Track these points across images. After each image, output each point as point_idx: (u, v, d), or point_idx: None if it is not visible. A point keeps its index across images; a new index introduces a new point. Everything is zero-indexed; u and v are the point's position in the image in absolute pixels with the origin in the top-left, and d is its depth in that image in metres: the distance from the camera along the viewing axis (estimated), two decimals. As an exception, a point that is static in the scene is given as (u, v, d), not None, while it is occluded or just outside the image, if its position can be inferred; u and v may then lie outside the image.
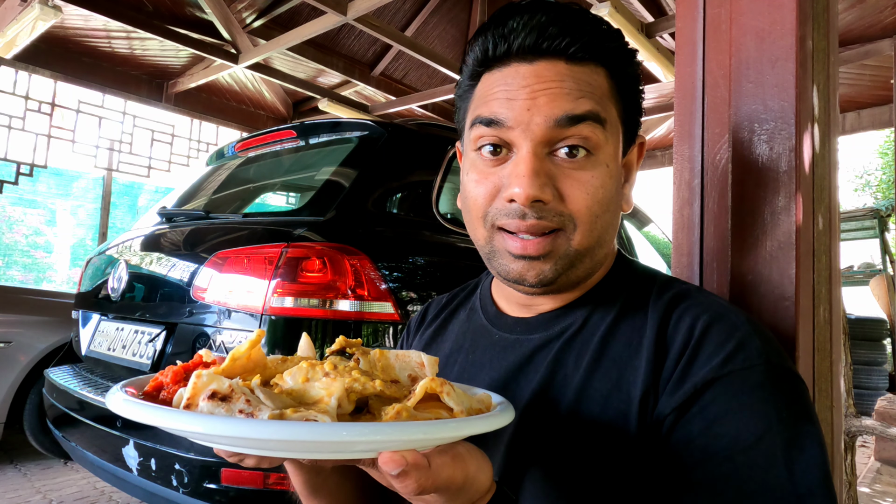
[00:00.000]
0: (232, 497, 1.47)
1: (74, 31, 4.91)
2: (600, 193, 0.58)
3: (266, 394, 0.40)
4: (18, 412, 3.05)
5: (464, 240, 2.00)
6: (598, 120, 0.57)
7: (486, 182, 0.60)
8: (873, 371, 5.43)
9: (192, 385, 0.40)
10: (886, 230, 6.56)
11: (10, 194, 6.51)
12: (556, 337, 0.64)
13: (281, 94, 6.69)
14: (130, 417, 0.39)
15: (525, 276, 0.60)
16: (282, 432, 0.35)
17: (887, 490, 3.18)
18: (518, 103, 0.57)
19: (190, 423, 0.36)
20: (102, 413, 1.76)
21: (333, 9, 4.01)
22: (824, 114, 0.87)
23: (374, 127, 2.02)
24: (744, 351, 0.53)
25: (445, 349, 0.76)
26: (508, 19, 0.59)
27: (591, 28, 0.59)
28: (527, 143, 0.57)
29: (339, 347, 0.54)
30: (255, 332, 0.48)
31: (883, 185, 16.69)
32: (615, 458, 0.55)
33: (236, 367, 0.45)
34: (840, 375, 0.92)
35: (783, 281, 0.76)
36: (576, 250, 0.59)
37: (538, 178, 0.56)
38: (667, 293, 0.62)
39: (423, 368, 0.51)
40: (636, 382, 0.56)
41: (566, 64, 0.58)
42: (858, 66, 5.01)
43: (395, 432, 0.37)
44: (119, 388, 0.45)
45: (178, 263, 1.84)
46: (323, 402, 0.40)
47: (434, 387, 0.43)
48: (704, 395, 0.52)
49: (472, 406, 0.46)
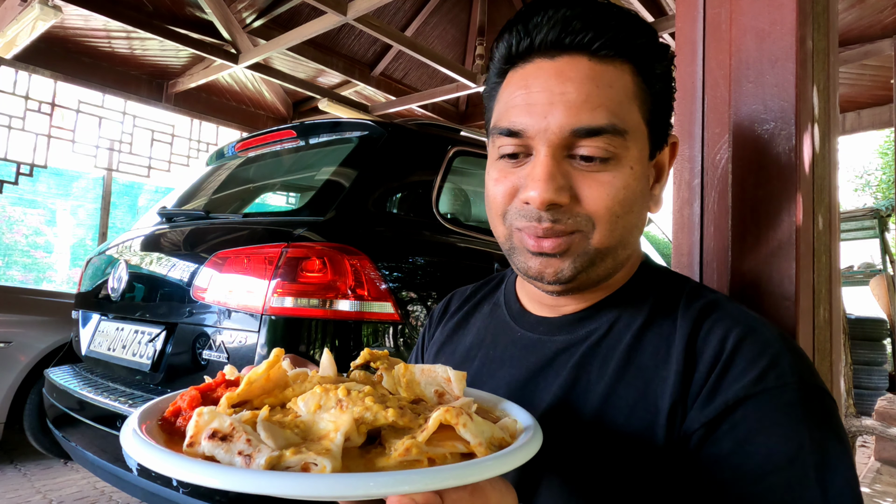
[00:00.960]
0: (232, 497, 1.47)
1: (74, 31, 4.90)
2: (622, 194, 0.57)
3: (269, 431, 0.39)
4: (18, 412, 3.05)
5: (464, 240, 2.00)
6: (616, 132, 0.56)
7: (504, 182, 0.60)
8: (873, 371, 5.43)
9: (195, 423, 0.39)
10: (886, 230, 6.56)
11: (10, 194, 6.51)
12: (580, 341, 0.63)
13: (281, 94, 6.69)
14: (133, 456, 0.39)
15: (543, 272, 0.59)
16: (270, 486, 0.34)
17: (887, 490, 3.18)
18: (537, 109, 0.56)
19: (181, 472, 0.36)
20: (102, 413, 1.76)
21: (333, 9, 4.01)
22: (824, 114, 0.87)
23: (374, 127, 2.02)
24: (776, 368, 0.52)
25: (466, 342, 0.75)
26: (533, 15, 0.58)
27: (618, 23, 0.57)
28: (544, 148, 0.56)
29: (364, 361, 0.53)
30: (274, 352, 0.47)
31: (883, 185, 16.69)
32: (639, 469, 0.54)
33: (254, 388, 0.44)
34: (840, 375, 0.92)
35: (783, 281, 0.76)
36: (595, 249, 0.58)
37: (554, 181, 0.56)
38: (696, 302, 0.60)
39: (449, 384, 0.49)
40: (664, 394, 0.55)
41: (589, 61, 0.57)
42: (858, 66, 5.01)
43: (391, 483, 0.35)
44: (135, 420, 0.43)
45: (178, 263, 1.84)
46: (328, 439, 0.39)
47: (449, 419, 0.41)
48: (736, 413, 0.51)
49: (494, 435, 0.43)
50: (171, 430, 0.44)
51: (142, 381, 1.83)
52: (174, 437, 0.43)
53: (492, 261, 2.01)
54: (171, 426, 0.44)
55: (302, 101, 6.86)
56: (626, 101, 0.57)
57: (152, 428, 0.43)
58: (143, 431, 0.41)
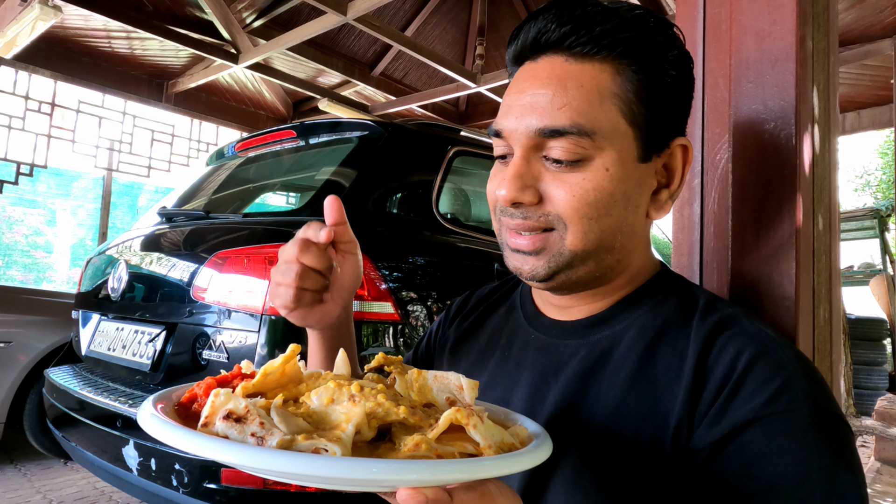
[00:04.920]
0: (232, 497, 1.47)
1: (74, 31, 4.91)
2: (591, 196, 0.56)
3: (282, 417, 0.40)
4: (18, 412, 3.05)
5: (464, 240, 2.00)
6: (582, 133, 0.55)
7: (494, 180, 0.63)
8: (873, 371, 5.43)
9: (211, 404, 0.40)
10: (886, 230, 6.57)
11: (10, 194, 6.51)
12: (591, 347, 0.63)
13: (281, 94, 6.69)
14: (149, 432, 0.40)
15: (520, 269, 0.61)
16: (280, 464, 0.35)
17: (887, 490, 3.18)
18: (514, 111, 0.58)
19: (195, 446, 0.37)
20: (102, 413, 1.76)
21: (333, 9, 4.01)
22: (824, 114, 0.87)
23: (374, 127, 2.02)
24: (788, 391, 0.50)
25: (482, 342, 0.76)
26: (529, 18, 0.60)
27: (603, 18, 0.55)
28: (518, 148, 0.59)
29: (378, 365, 0.53)
30: (290, 347, 0.47)
31: (883, 185, 16.69)
32: (646, 482, 0.54)
33: (268, 381, 0.45)
34: (840, 375, 0.92)
35: (783, 281, 0.76)
36: (570, 251, 0.58)
37: (518, 180, 0.57)
38: (711, 316, 0.59)
39: (461, 392, 0.49)
40: (673, 410, 0.54)
41: (565, 61, 0.57)
42: (858, 66, 5.01)
43: (398, 471, 0.35)
44: (150, 401, 0.45)
45: (178, 263, 1.84)
46: (339, 429, 0.40)
47: (459, 418, 0.41)
48: (743, 434, 0.50)
49: (504, 440, 0.43)
50: (186, 414, 0.45)
51: (142, 381, 1.83)
52: (189, 421, 0.43)
53: (492, 261, 2.01)
54: (186, 410, 0.45)
55: (302, 101, 6.86)
56: (597, 100, 0.55)
57: (168, 410, 0.44)
58: (158, 411, 0.42)
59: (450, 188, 2.18)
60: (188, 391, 0.47)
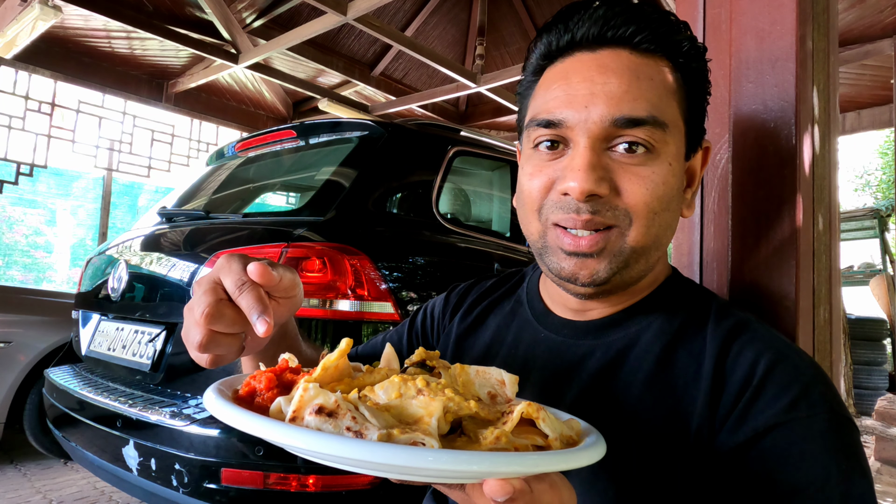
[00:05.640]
0: (232, 497, 1.47)
1: (74, 31, 4.91)
2: (661, 190, 0.56)
3: (370, 411, 0.40)
4: (18, 412, 3.05)
5: (464, 240, 2.00)
6: (657, 124, 0.56)
7: (540, 175, 0.59)
8: (873, 371, 5.43)
9: (299, 398, 0.39)
10: (886, 230, 6.57)
11: (10, 194, 6.52)
12: (606, 348, 0.62)
13: (281, 94, 6.69)
14: (246, 431, 0.38)
15: (577, 274, 0.58)
16: (393, 457, 0.34)
17: (887, 490, 3.18)
18: (578, 100, 0.56)
19: (312, 443, 0.36)
20: (102, 413, 1.76)
21: (333, 9, 4.01)
22: (824, 114, 0.87)
23: (374, 127, 2.02)
24: (808, 397, 0.52)
25: (486, 338, 0.74)
26: (573, 14, 0.59)
27: (659, 18, 0.58)
28: (584, 139, 0.56)
29: (420, 359, 0.53)
30: (344, 341, 0.47)
31: (883, 185, 16.69)
32: (665, 483, 0.54)
33: (326, 376, 0.45)
34: (840, 375, 0.92)
35: (783, 281, 0.76)
36: (631, 248, 0.57)
37: (594, 171, 0.55)
38: (726, 321, 0.59)
39: (503, 386, 0.50)
40: (694, 413, 0.55)
41: (630, 54, 0.57)
42: (858, 66, 5.01)
43: (506, 463, 0.36)
44: (217, 396, 0.42)
45: (178, 263, 1.84)
46: (423, 422, 0.40)
47: (531, 412, 0.42)
48: (765, 439, 0.51)
49: (564, 433, 0.44)
50: (248, 408, 0.43)
51: (142, 381, 1.83)
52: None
53: (492, 261, 2.01)
54: (248, 405, 0.44)
55: (302, 101, 6.86)
56: (665, 95, 0.57)
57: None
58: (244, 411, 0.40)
59: (450, 188, 2.18)
60: (244, 384, 0.45)
